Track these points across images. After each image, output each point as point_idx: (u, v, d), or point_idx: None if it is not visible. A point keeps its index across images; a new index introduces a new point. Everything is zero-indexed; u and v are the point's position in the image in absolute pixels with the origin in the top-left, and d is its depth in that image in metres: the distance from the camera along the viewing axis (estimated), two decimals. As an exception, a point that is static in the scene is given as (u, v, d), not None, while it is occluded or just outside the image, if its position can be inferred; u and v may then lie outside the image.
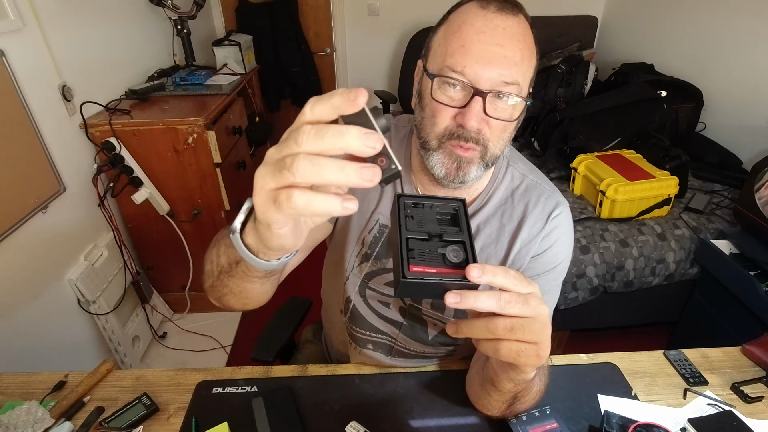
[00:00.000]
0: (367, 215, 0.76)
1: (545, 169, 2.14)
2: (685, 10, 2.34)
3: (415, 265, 0.41)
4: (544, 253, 0.73)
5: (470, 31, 0.57)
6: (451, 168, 0.63)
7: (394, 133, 0.78)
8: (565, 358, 0.84)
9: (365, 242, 0.77)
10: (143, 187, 1.69)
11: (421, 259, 0.41)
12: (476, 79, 0.58)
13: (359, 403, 0.73)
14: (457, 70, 0.58)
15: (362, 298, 0.82)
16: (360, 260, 0.78)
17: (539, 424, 0.65)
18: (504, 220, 0.74)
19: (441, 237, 0.43)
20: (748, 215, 1.53)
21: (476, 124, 0.59)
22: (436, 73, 0.60)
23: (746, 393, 0.75)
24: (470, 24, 0.58)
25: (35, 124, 1.36)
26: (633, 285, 1.68)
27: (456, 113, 0.61)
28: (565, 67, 2.57)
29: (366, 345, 0.85)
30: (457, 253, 0.42)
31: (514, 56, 0.58)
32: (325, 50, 3.12)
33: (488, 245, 0.74)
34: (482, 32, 0.57)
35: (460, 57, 0.58)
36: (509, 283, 0.42)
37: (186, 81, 2.00)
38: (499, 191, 0.74)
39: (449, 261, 0.42)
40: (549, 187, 0.76)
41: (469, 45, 0.57)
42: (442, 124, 0.62)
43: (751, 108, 1.96)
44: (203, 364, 0.97)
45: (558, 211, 0.74)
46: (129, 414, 0.71)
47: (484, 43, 0.57)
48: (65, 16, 1.53)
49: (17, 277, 1.31)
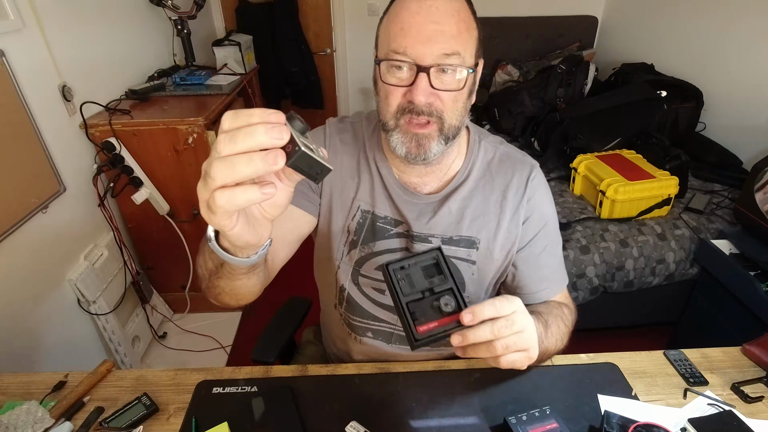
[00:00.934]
0: (349, 203, 0.80)
1: (545, 169, 2.15)
2: (685, 10, 2.34)
3: (420, 325, 0.51)
4: (531, 215, 0.79)
5: (407, 15, 0.62)
6: (411, 146, 0.68)
7: (366, 125, 0.82)
8: (565, 358, 0.83)
9: (350, 230, 0.80)
10: (143, 187, 1.69)
11: (423, 318, 0.52)
12: (418, 56, 0.62)
13: (359, 403, 0.73)
14: (399, 52, 0.63)
15: (356, 286, 0.84)
16: (348, 248, 0.81)
17: (539, 424, 0.65)
18: (487, 191, 0.79)
19: (432, 290, 0.54)
20: (748, 215, 1.53)
21: (424, 98, 0.63)
22: (383, 58, 0.65)
23: (746, 393, 0.75)
24: (406, 9, 0.62)
25: (35, 124, 1.36)
26: (633, 285, 1.68)
27: (406, 91, 0.65)
28: (565, 67, 2.57)
29: (365, 333, 0.86)
30: (448, 303, 0.52)
31: (450, 30, 0.62)
32: (325, 50, 3.12)
33: (477, 218, 0.78)
34: (417, 14, 0.62)
35: (401, 39, 0.62)
36: (496, 311, 0.52)
37: (186, 81, 2.00)
38: (477, 165, 0.79)
39: (445, 312, 0.52)
40: (520, 154, 0.82)
41: (407, 27, 0.62)
42: (394, 102, 0.66)
43: (751, 108, 1.96)
44: (203, 364, 0.97)
45: (533, 174, 0.80)
46: (129, 414, 0.71)
47: (420, 23, 0.61)
48: (65, 16, 1.53)
49: (17, 277, 1.31)
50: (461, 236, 0.78)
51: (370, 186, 0.79)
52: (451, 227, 0.78)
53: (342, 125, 0.83)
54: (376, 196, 0.79)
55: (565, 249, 1.63)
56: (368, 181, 0.79)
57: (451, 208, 0.78)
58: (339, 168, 0.80)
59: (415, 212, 0.78)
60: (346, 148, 0.81)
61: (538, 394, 0.74)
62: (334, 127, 0.82)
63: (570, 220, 1.75)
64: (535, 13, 3.06)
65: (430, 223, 0.78)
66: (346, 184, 0.80)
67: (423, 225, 0.78)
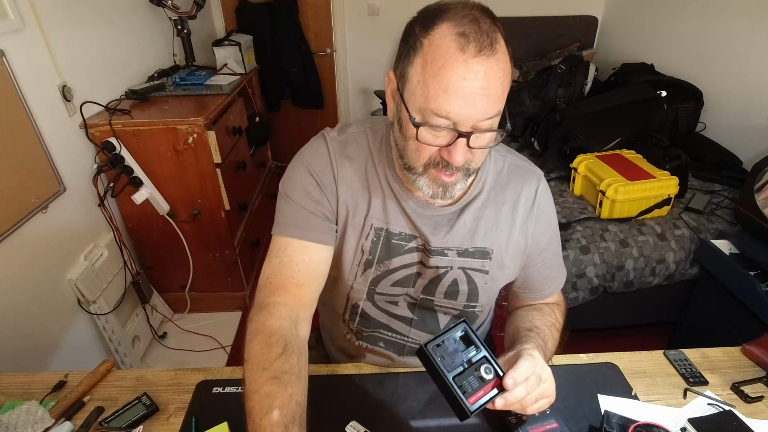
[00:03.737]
0: (361, 222, 0.76)
1: (545, 170, 2.14)
2: (685, 10, 2.34)
3: (469, 397, 0.57)
4: (540, 224, 0.80)
5: (452, 77, 0.55)
6: (437, 191, 0.67)
7: (372, 137, 0.77)
8: (565, 358, 0.84)
9: (364, 249, 0.77)
10: (143, 187, 1.69)
11: (470, 390, 0.58)
12: (461, 122, 0.58)
13: (359, 403, 0.73)
14: (441, 115, 0.58)
15: (371, 302, 0.82)
16: (363, 268, 0.78)
17: (539, 424, 0.65)
18: (498, 203, 0.78)
19: (470, 361, 0.60)
20: (748, 215, 1.53)
21: (462, 159, 0.61)
22: (420, 119, 0.60)
23: (746, 393, 0.75)
24: (451, 69, 0.55)
25: (35, 124, 1.36)
26: (633, 285, 1.68)
27: (441, 149, 0.62)
28: (565, 67, 2.57)
29: (377, 343, 0.86)
30: (488, 370, 0.60)
31: (496, 92, 0.57)
32: (325, 50, 3.12)
33: (490, 229, 0.77)
34: (464, 78, 0.55)
35: (444, 102, 0.56)
36: (528, 373, 0.59)
37: (186, 81, 2.00)
38: (489, 178, 0.78)
39: (486, 380, 0.59)
40: (527, 164, 0.81)
41: (452, 91, 0.56)
42: (427, 155, 0.63)
43: (751, 108, 1.96)
44: (203, 364, 0.97)
45: (541, 185, 0.79)
46: (129, 414, 0.71)
47: (468, 89, 0.56)
48: (65, 16, 1.53)
49: (17, 277, 1.31)
50: (476, 248, 0.77)
51: (382, 202, 0.75)
52: (466, 239, 0.76)
53: (343, 138, 0.77)
54: (389, 212, 0.75)
55: (565, 249, 1.63)
56: (380, 198, 0.75)
57: (466, 221, 0.76)
58: (349, 188, 0.75)
59: (431, 226, 0.75)
60: (352, 165, 0.75)
61: (538, 394, 0.74)
62: (336, 143, 0.76)
63: (570, 220, 1.75)
64: (535, 13, 3.06)
65: (447, 237, 0.75)
66: (358, 203, 0.76)
67: (440, 239, 0.75)
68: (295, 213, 0.73)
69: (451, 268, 0.77)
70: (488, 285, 0.80)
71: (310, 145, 0.78)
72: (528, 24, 3.06)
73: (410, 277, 0.79)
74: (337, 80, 3.23)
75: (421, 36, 0.58)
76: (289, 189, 0.75)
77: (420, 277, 0.79)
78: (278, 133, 3.21)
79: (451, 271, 0.77)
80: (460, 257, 0.77)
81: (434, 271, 0.77)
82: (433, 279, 0.78)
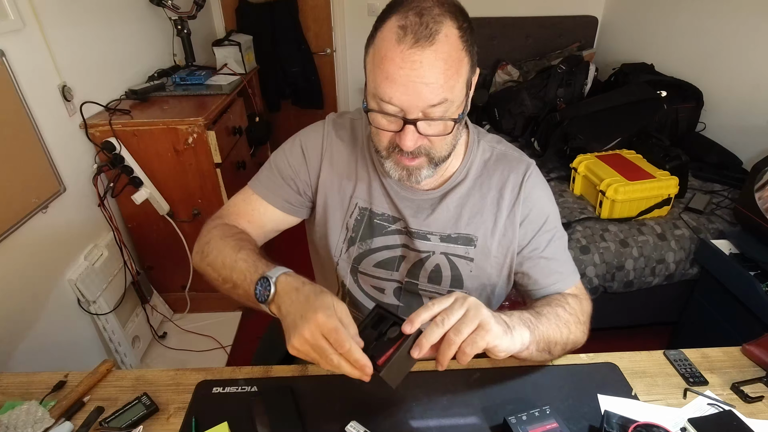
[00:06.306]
0: (347, 201, 0.81)
1: (545, 170, 2.15)
2: (685, 10, 2.34)
3: (378, 359, 0.56)
4: (530, 214, 0.79)
5: (391, 66, 0.59)
6: (402, 174, 0.70)
7: (366, 124, 0.81)
8: (565, 357, 0.83)
9: (348, 226, 0.82)
10: (143, 187, 1.69)
11: (378, 353, 0.57)
12: (405, 108, 0.61)
13: (359, 403, 0.73)
14: (386, 101, 0.61)
15: (356, 283, 0.85)
16: (347, 245, 0.82)
17: (539, 424, 0.65)
18: (484, 190, 0.79)
19: (381, 332, 0.61)
20: (748, 215, 1.53)
21: (413, 145, 0.64)
22: (374, 105, 0.64)
23: (746, 393, 0.75)
24: (390, 59, 0.59)
25: (35, 124, 1.36)
26: (633, 285, 1.68)
27: (394, 134, 0.65)
28: (565, 67, 2.57)
29: None
30: (394, 331, 0.59)
31: (437, 81, 0.59)
32: (325, 50, 3.12)
33: (474, 215, 0.79)
34: (401, 68, 0.58)
35: (387, 89, 0.60)
36: (435, 311, 0.57)
37: (186, 81, 2.01)
38: (475, 164, 0.80)
39: (393, 338, 0.58)
40: (517, 153, 0.82)
41: (392, 80, 0.59)
42: (385, 140, 0.68)
43: (751, 108, 1.96)
44: (203, 364, 0.97)
45: (528, 173, 0.79)
46: (129, 414, 0.71)
47: (406, 77, 0.58)
48: (65, 16, 1.53)
49: (17, 277, 1.31)
50: (459, 234, 0.79)
51: (367, 184, 0.81)
52: (449, 225, 0.79)
53: (341, 121, 0.84)
54: (373, 193, 0.80)
55: (565, 249, 1.63)
56: (366, 180, 0.81)
57: (449, 206, 0.78)
58: (336, 167, 0.82)
59: (413, 209, 0.79)
60: (344, 146, 0.82)
61: (538, 393, 0.74)
62: (332, 125, 0.83)
63: (570, 220, 1.75)
64: (535, 13, 3.06)
65: (428, 220, 0.79)
66: (343, 183, 0.82)
67: (421, 222, 0.79)
68: (270, 174, 0.83)
69: (433, 252, 0.79)
70: (474, 273, 0.80)
71: (313, 125, 0.85)
72: (528, 24, 3.06)
73: (394, 260, 0.82)
74: (337, 80, 3.23)
75: (376, 29, 0.63)
76: (277, 153, 0.85)
77: (404, 261, 0.82)
78: (278, 133, 3.21)
79: (433, 255, 0.79)
80: (443, 242, 0.79)
81: (416, 255, 0.80)
82: (416, 263, 0.81)
